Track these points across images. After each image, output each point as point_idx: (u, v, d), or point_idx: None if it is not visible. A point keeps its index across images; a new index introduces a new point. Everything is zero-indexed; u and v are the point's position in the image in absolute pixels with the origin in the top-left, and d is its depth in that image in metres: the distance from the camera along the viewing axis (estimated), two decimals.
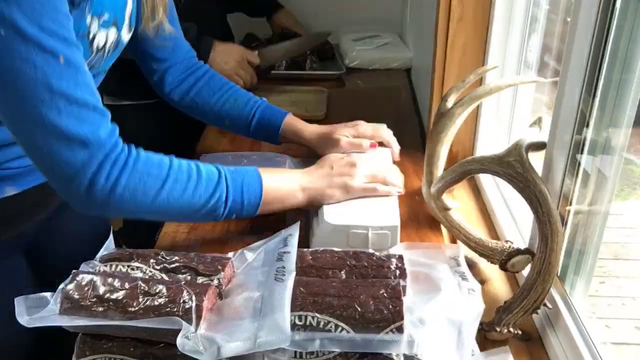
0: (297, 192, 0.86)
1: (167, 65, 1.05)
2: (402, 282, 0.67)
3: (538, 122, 0.83)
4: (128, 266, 0.70)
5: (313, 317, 0.62)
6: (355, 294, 0.64)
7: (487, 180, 1.08)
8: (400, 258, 0.73)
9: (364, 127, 1.05)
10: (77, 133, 0.67)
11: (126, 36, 0.85)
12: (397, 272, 0.71)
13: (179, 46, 1.06)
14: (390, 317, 0.63)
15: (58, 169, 0.68)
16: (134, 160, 0.72)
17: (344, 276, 0.70)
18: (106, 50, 0.80)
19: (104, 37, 0.78)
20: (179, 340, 0.58)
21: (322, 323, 0.62)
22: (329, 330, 0.62)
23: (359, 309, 0.63)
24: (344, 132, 1.03)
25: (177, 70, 1.07)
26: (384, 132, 1.06)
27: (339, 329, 0.62)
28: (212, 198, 0.78)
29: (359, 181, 0.88)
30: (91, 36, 0.75)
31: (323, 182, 0.88)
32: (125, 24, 0.84)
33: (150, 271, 0.69)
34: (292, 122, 1.08)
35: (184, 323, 0.59)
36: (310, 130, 1.07)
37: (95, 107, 0.69)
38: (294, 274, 0.67)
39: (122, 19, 0.83)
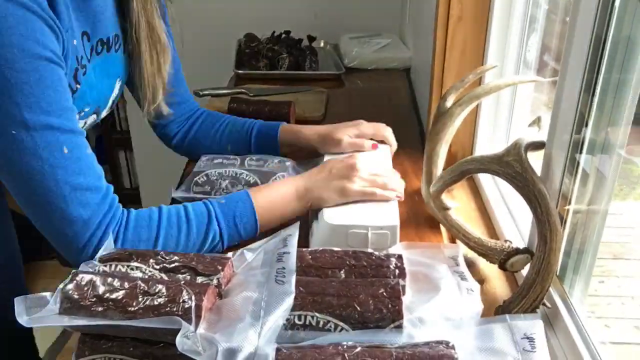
0: (293, 201, 0.87)
1: (172, 118, 1.11)
2: (401, 282, 0.67)
3: (537, 121, 0.83)
4: (127, 266, 0.70)
5: (312, 317, 0.63)
6: (354, 293, 0.64)
7: (486, 180, 1.08)
8: (400, 258, 0.73)
9: (365, 125, 1.05)
10: (80, 216, 0.74)
11: (105, 113, 0.92)
12: (397, 271, 0.71)
13: (184, 102, 1.13)
14: (389, 316, 0.63)
15: (63, 245, 0.76)
16: (124, 230, 0.78)
17: (343, 276, 0.70)
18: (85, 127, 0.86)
19: (83, 124, 0.85)
20: (178, 340, 0.58)
21: (321, 322, 0.62)
22: (329, 330, 0.62)
23: (359, 309, 0.63)
24: (346, 132, 1.03)
25: (181, 118, 1.13)
26: (384, 130, 1.06)
27: (339, 328, 0.62)
28: (206, 241, 0.81)
29: (358, 185, 0.87)
30: None
31: (321, 185, 0.87)
32: (106, 108, 0.91)
33: (150, 271, 0.69)
34: (288, 127, 1.11)
35: (183, 322, 0.59)
36: (309, 130, 1.07)
37: (97, 188, 0.76)
38: (294, 275, 0.67)
39: (105, 106, 0.90)
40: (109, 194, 0.78)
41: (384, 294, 0.64)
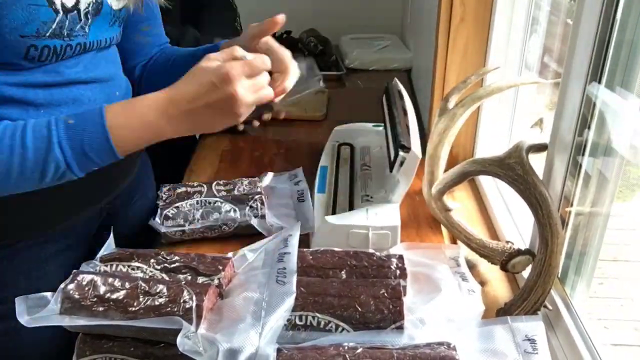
0: (163, 124, 0.70)
1: (143, 57, 0.99)
2: (402, 282, 0.67)
3: (539, 123, 0.83)
4: (128, 266, 0.70)
5: (314, 317, 0.63)
6: (355, 294, 0.64)
7: (487, 182, 1.08)
8: (401, 258, 0.73)
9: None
10: None
11: (115, 3, 0.78)
12: (398, 272, 0.71)
13: (157, 41, 1.00)
14: (390, 317, 0.63)
15: None
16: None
17: (344, 276, 0.70)
18: (82, 12, 0.72)
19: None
20: (179, 340, 0.58)
21: (322, 323, 0.62)
22: (330, 330, 0.62)
23: (360, 309, 0.63)
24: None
25: (144, 54, 0.99)
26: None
27: (340, 329, 0.62)
28: (46, 172, 0.67)
29: (245, 110, 0.71)
30: None
31: (202, 123, 0.71)
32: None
33: (151, 271, 0.69)
34: (228, 44, 0.93)
35: (184, 323, 0.59)
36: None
37: None
38: (295, 275, 0.67)
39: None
40: None
41: (385, 294, 0.64)
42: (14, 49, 0.67)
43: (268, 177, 1.03)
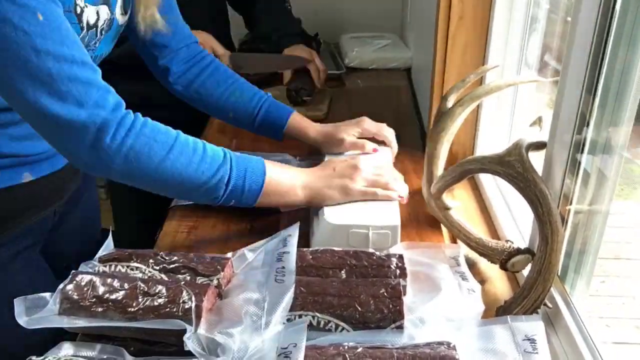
0: (298, 189, 0.86)
1: (170, 53, 1.04)
2: (402, 282, 0.67)
3: (538, 121, 0.82)
4: (127, 266, 0.70)
5: (313, 317, 0.63)
6: (355, 293, 0.64)
7: (487, 180, 1.08)
8: (401, 258, 0.73)
9: (367, 123, 1.04)
10: (71, 92, 0.66)
11: (121, 18, 0.84)
12: (397, 271, 0.71)
13: (179, 31, 1.04)
14: (390, 316, 0.63)
15: (58, 130, 0.68)
16: (141, 124, 0.73)
17: (344, 276, 0.70)
18: (99, 29, 0.79)
19: (94, 13, 0.76)
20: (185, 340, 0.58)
21: (322, 322, 0.62)
22: (329, 330, 0.62)
23: (360, 309, 0.63)
24: (349, 132, 1.03)
25: (181, 59, 1.05)
26: (387, 131, 1.06)
27: (340, 328, 0.62)
28: (214, 177, 0.78)
29: (360, 184, 0.87)
30: (78, 10, 0.73)
31: (323, 182, 0.87)
32: (117, 4, 0.83)
33: (150, 271, 0.69)
34: (298, 120, 1.07)
35: (183, 323, 0.59)
36: (315, 129, 1.06)
37: (85, 63, 0.68)
38: (294, 274, 0.67)
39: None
40: (104, 81, 0.71)
41: (385, 294, 0.64)
42: None
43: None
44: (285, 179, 0.85)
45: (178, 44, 1.04)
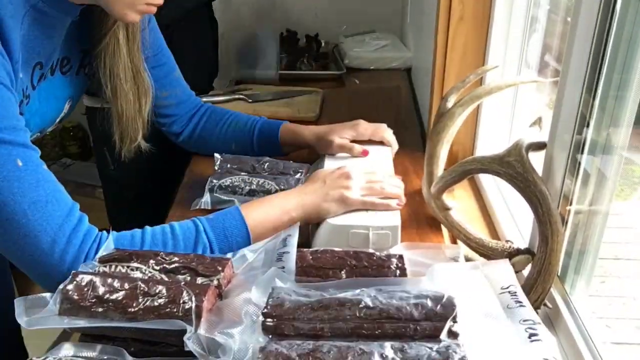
0: (292, 213, 0.83)
1: (174, 117, 1.11)
2: None
3: (538, 122, 0.82)
4: (127, 267, 0.70)
5: None
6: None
7: (487, 180, 1.08)
8: (401, 258, 0.72)
9: (363, 126, 1.04)
10: (44, 230, 0.69)
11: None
12: (398, 272, 0.71)
13: (183, 100, 1.11)
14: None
15: (34, 268, 0.71)
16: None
17: (344, 276, 0.70)
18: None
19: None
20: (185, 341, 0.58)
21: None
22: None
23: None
24: (341, 134, 1.03)
25: (184, 117, 1.12)
26: (384, 131, 1.06)
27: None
28: (197, 253, 0.77)
29: (356, 193, 0.85)
30: None
31: (318, 196, 0.84)
32: (52, 126, 0.91)
33: (150, 272, 0.69)
34: (290, 127, 1.10)
35: (184, 324, 0.59)
36: (310, 130, 1.07)
37: (61, 201, 0.71)
38: (294, 274, 0.67)
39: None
40: (77, 210, 0.74)
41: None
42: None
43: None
44: (270, 213, 0.83)
45: (181, 110, 1.11)
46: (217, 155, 1.05)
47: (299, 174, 1.02)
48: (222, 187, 0.98)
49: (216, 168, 1.03)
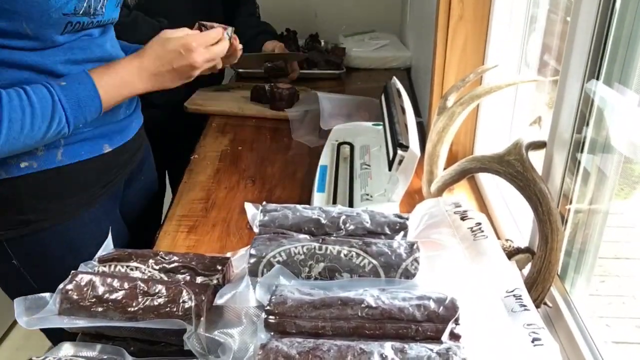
0: (137, 82, 0.87)
1: None
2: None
3: (538, 121, 0.82)
4: (127, 266, 0.70)
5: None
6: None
7: (487, 179, 1.08)
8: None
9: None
10: None
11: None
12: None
13: None
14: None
15: None
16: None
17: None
18: None
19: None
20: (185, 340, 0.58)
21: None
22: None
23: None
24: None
25: None
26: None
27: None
28: (51, 126, 0.78)
29: (201, 63, 0.90)
30: None
31: (165, 77, 0.89)
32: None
33: (149, 271, 0.69)
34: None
35: (183, 323, 0.59)
36: None
37: None
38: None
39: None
40: None
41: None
42: (56, 26, 0.79)
43: None
44: (119, 79, 0.85)
45: None
46: None
47: None
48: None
49: None
